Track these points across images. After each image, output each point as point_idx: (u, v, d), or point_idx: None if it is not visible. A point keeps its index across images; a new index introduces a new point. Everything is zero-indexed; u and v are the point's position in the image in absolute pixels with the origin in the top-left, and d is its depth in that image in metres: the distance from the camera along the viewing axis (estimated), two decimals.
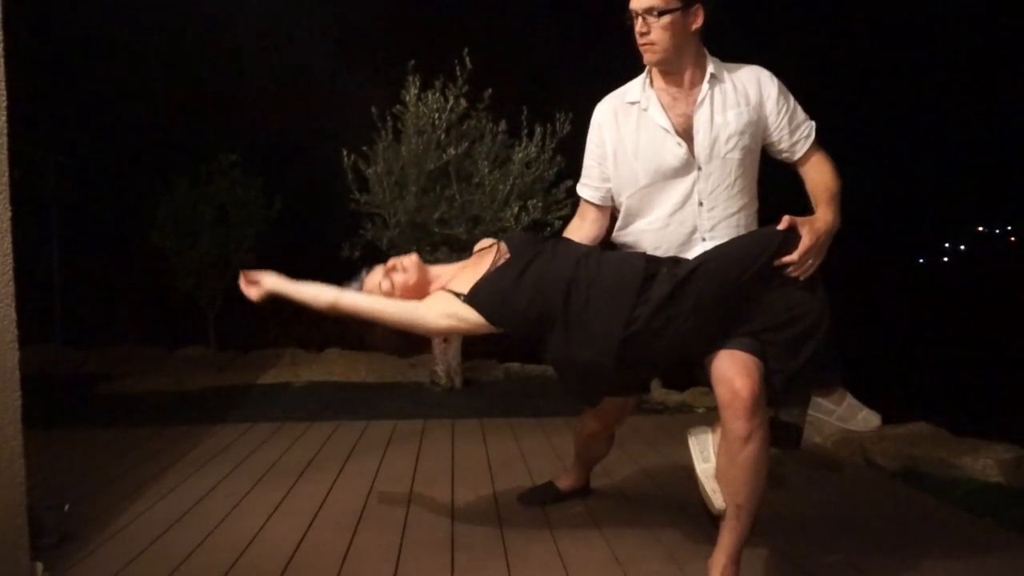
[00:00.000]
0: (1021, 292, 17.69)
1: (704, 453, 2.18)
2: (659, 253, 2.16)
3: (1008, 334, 10.90)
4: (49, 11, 6.95)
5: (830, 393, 2.09)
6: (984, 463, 3.03)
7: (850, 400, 2.10)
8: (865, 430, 2.18)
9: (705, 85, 2.14)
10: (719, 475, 1.97)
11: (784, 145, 2.19)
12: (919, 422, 3.63)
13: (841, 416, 2.10)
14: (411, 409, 4.36)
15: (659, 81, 2.20)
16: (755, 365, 1.86)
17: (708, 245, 2.13)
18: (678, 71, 2.15)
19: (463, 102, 4.63)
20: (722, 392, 1.87)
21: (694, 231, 2.18)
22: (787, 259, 1.86)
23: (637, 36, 2.13)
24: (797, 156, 2.20)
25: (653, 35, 2.09)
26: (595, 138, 2.33)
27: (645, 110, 2.19)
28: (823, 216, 1.97)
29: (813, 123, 2.21)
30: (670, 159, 2.15)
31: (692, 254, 2.08)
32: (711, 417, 2.22)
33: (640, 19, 2.09)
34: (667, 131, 2.15)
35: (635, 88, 2.25)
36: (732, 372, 1.85)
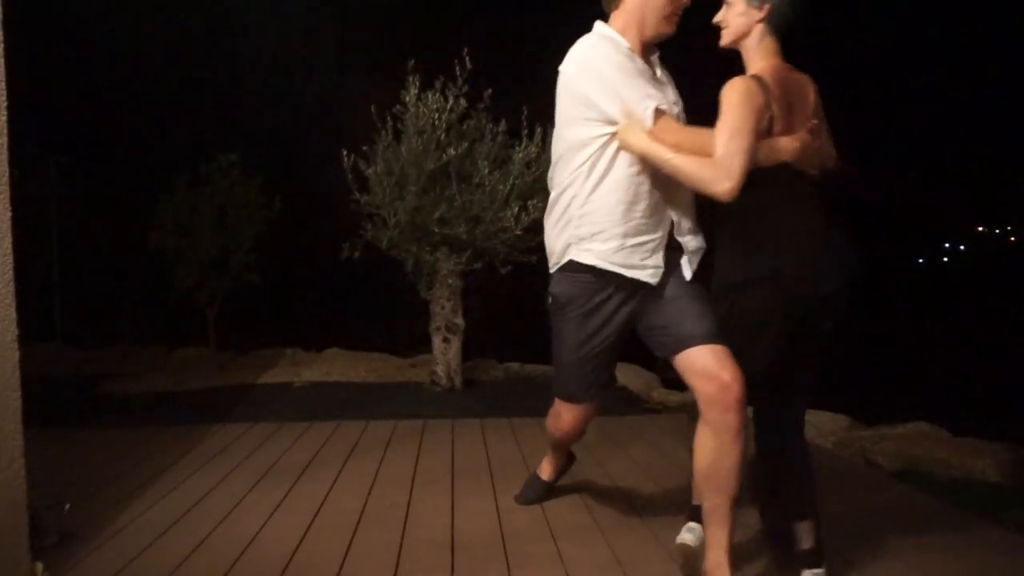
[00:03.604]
0: (1021, 292, 17.68)
1: None
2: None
3: (1008, 334, 10.90)
4: (49, 11, 6.95)
5: None
6: (984, 463, 3.03)
7: None
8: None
9: (659, 70, 2.15)
10: (704, 472, 1.89)
11: None
12: (919, 422, 3.64)
13: None
14: (411, 409, 4.36)
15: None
16: (732, 356, 1.85)
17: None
18: (652, 52, 2.16)
19: (463, 102, 4.64)
20: (708, 387, 1.84)
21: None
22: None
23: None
24: None
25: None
26: (615, 60, 2.02)
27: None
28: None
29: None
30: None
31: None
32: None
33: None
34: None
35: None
36: (717, 366, 1.84)
